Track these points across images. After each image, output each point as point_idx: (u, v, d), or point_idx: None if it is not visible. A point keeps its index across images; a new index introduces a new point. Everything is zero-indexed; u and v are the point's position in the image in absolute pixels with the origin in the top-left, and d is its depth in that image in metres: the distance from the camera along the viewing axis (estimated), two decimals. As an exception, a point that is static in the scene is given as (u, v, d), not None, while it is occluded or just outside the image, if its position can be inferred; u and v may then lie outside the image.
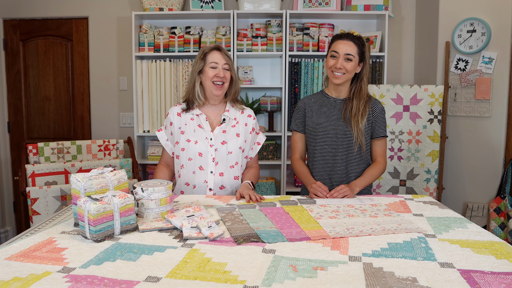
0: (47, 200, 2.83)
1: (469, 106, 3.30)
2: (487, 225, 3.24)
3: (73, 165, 3.04)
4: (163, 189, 1.60)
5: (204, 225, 1.43)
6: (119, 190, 1.54)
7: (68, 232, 1.46)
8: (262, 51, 3.54)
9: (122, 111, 3.95)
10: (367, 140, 2.13)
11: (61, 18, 3.88)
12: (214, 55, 2.03)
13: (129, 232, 1.45)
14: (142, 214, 1.59)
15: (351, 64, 2.04)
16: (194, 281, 1.07)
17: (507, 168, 3.15)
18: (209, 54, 2.04)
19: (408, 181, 3.28)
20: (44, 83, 3.94)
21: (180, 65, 3.59)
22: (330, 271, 1.13)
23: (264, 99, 3.66)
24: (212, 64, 2.02)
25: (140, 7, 3.75)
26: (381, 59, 3.55)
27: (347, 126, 2.09)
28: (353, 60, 2.04)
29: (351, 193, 1.96)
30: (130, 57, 3.77)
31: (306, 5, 3.57)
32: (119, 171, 1.63)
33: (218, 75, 2.02)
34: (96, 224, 1.35)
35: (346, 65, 2.03)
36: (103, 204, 1.37)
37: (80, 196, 1.50)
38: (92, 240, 1.36)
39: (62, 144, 3.17)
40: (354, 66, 2.06)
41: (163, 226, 1.49)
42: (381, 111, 2.14)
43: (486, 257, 1.21)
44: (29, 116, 3.97)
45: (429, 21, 3.55)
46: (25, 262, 1.18)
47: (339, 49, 2.04)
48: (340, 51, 2.03)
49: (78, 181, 1.51)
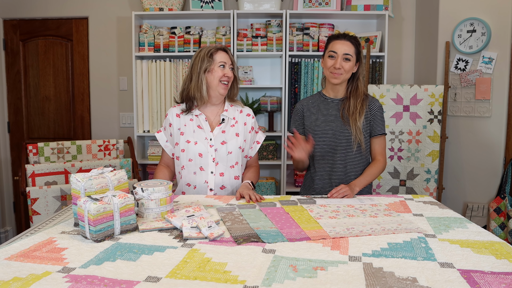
0: (47, 200, 2.83)
1: (469, 106, 3.30)
2: (487, 225, 3.24)
3: (73, 165, 3.04)
4: (163, 189, 1.60)
5: (204, 225, 1.43)
6: (119, 190, 1.54)
7: (68, 232, 1.46)
8: (262, 51, 3.54)
9: (122, 111, 3.95)
10: (366, 138, 2.13)
11: (61, 18, 3.88)
12: (221, 55, 2.04)
13: (129, 232, 1.45)
14: (142, 214, 1.59)
15: (349, 64, 2.06)
16: (194, 281, 1.07)
17: (507, 168, 3.15)
18: (216, 54, 2.03)
19: (408, 181, 3.28)
20: (44, 83, 3.94)
21: (180, 65, 3.59)
22: (330, 271, 1.13)
23: (264, 99, 3.66)
24: (221, 63, 2.02)
25: (140, 7, 3.75)
26: (381, 59, 3.55)
27: (345, 125, 2.10)
28: (351, 60, 2.06)
29: (351, 193, 1.96)
30: (130, 57, 3.77)
31: (306, 5, 3.57)
32: (119, 171, 1.63)
33: (227, 74, 2.03)
34: (96, 224, 1.35)
35: (344, 65, 2.05)
36: (103, 204, 1.37)
37: (80, 196, 1.50)
38: (92, 240, 1.36)
39: (62, 144, 3.17)
40: (352, 66, 2.08)
41: (163, 226, 1.49)
42: (378, 109, 2.14)
43: (486, 257, 1.21)
44: (29, 116, 3.97)
45: (429, 21, 3.55)
46: (25, 262, 1.18)
47: (337, 49, 2.05)
48: (338, 51, 2.05)
49: (78, 181, 1.51)
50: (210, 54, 2.03)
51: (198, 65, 2.03)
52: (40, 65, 3.92)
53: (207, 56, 2.02)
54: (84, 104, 3.96)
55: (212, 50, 2.04)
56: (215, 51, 2.04)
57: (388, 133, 3.26)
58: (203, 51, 2.04)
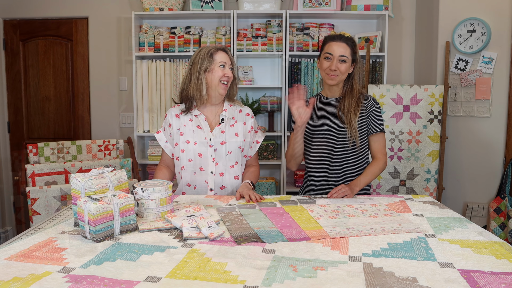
0: (47, 200, 2.83)
1: (469, 106, 3.30)
2: (487, 225, 3.24)
3: (73, 165, 3.04)
4: (163, 189, 1.60)
5: (204, 225, 1.43)
6: (119, 190, 1.54)
7: (68, 232, 1.46)
8: (262, 51, 3.54)
9: (122, 111, 3.95)
10: (363, 137, 2.13)
11: (61, 18, 3.88)
12: (221, 55, 2.04)
13: (129, 232, 1.45)
14: (142, 214, 1.59)
15: (345, 66, 2.07)
16: (194, 281, 1.07)
17: (507, 168, 3.15)
18: (216, 54, 2.03)
19: (408, 181, 3.28)
20: (44, 83, 3.94)
21: (180, 65, 3.59)
22: (330, 271, 1.13)
23: (264, 99, 3.66)
24: (221, 63, 2.03)
25: (140, 7, 3.75)
26: (381, 59, 3.55)
27: (341, 124, 2.11)
28: (347, 61, 2.08)
29: (351, 193, 1.96)
30: (130, 57, 3.77)
31: (306, 5, 3.57)
32: (119, 171, 1.63)
33: (227, 74, 2.04)
34: (96, 224, 1.35)
35: (340, 67, 2.06)
36: (103, 204, 1.37)
37: (80, 196, 1.50)
38: (92, 240, 1.36)
39: (62, 144, 3.17)
40: (348, 67, 2.09)
41: (163, 226, 1.49)
42: (375, 107, 2.14)
43: (486, 257, 1.21)
44: (29, 116, 3.97)
45: (429, 21, 3.55)
46: (25, 262, 1.18)
47: (333, 51, 2.06)
48: (334, 53, 2.06)
49: (78, 181, 1.51)
50: (210, 54, 2.03)
51: (198, 65, 2.02)
52: (40, 65, 3.92)
53: (207, 56, 2.02)
54: (84, 104, 3.95)
55: (212, 50, 2.04)
56: (215, 51, 2.04)
57: (388, 133, 3.27)
58: (203, 51, 2.04)
